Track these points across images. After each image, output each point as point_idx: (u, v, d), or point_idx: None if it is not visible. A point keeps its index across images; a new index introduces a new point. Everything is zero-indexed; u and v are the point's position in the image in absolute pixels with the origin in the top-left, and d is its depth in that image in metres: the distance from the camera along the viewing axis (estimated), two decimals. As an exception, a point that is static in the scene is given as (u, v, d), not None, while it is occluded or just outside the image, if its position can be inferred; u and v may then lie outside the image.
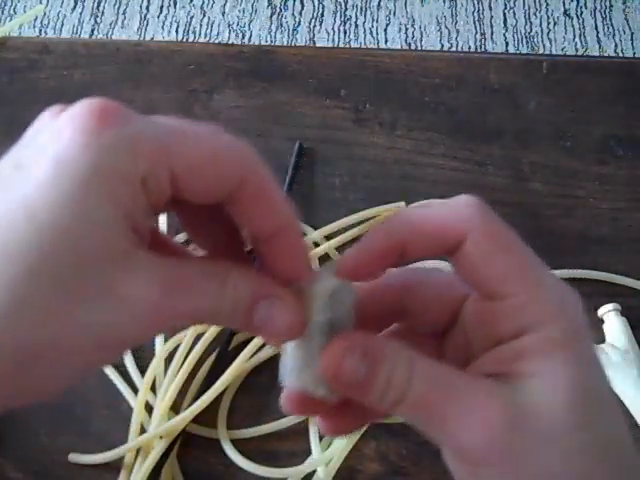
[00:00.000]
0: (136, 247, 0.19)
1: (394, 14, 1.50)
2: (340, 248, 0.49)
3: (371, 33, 1.49)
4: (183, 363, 0.45)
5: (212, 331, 0.46)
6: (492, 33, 1.47)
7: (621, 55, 1.42)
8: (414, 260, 0.23)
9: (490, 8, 1.49)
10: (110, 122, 0.19)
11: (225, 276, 0.20)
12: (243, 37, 1.50)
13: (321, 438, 0.44)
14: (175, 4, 1.55)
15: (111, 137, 0.18)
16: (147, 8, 1.55)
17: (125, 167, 0.18)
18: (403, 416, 0.21)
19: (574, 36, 1.45)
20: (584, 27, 1.46)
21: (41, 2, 1.56)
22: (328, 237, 0.50)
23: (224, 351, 0.46)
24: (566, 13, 1.48)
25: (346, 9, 1.52)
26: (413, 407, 0.21)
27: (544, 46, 1.44)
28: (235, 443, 0.44)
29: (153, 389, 0.46)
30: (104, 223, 0.18)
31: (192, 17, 1.53)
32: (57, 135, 0.19)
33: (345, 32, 1.49)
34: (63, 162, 0.18)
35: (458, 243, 0.22)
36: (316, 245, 0.49)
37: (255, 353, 0.46)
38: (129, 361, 0.46)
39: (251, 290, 0.21)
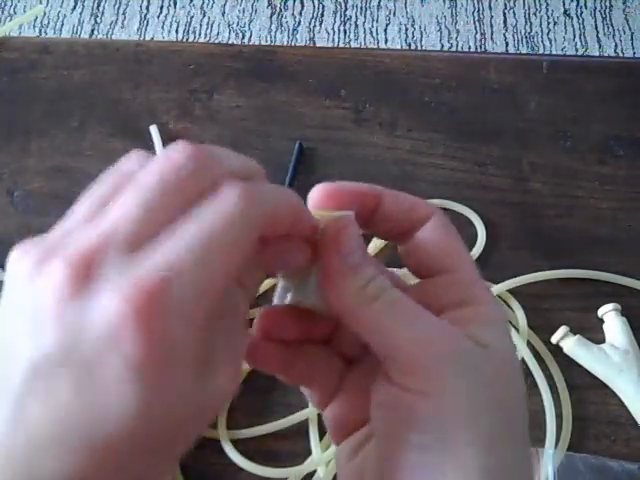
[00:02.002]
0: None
1: (394, 14, 1.50)
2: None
3: (371, 33, 1.49)
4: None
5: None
6: (492, 33, 1.47)
7: (621, 55, 1.42)
8: (383, 232, 0.26)
9: (490, 8, 1.49)
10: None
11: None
12: (243, 37, 1.50)
13: (321, 438, 0.44)
14: (175, 4, 1.55)
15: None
16: (147, 8, 1.55)
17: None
18: (370, 314, 0.22)
19: (574, 36, 1.45)
20: (584, 27, 1.46)
21: (41, 2, 1.56)
22: (328, 237, 0.50)
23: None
24: (566, 13, 1.48)
25: (346, 9, 1.52)
26: (389, 304, 0.22)
27: (544, 46, 1.44)
28: (235, 443, 0.44)
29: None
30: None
31: (192, 17, 1.53)
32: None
33: (345, 32, 1.49)
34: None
35: (424, 219, 0.25)
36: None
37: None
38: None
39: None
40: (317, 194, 0.24)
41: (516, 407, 0.22)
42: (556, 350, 0.46)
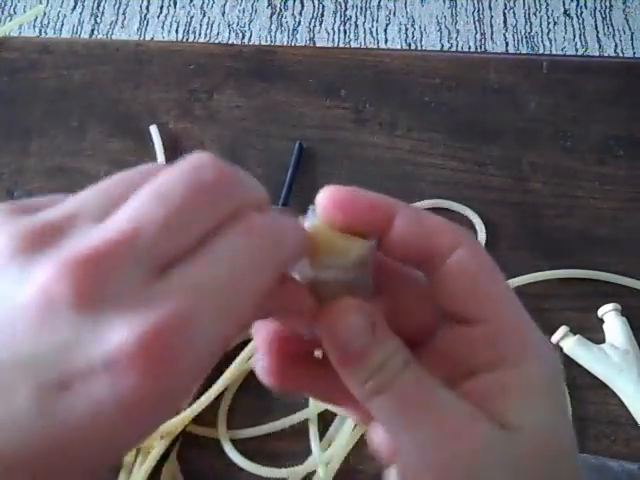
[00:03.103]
0: None
1: (394, 14, 1.50)
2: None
3: (371, 33, 1.49)
4: (183, 363, 0.45)
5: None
6: (492, 33, 1.47)
7: (621, 55, 1.42)
8: (399, 256, 0.22)
9: (490, 8, 1.49)
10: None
11: None
12: (243, 37, 1.50)
13: (321, 438, 0.44)
14: (175, 4, 1.55)
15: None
16: (147, 8, 1.55)
17: None
18: (374, 409, 0.20)
19: (574, 36, 1.45)
20: (584, 27, 1.46)
21: (41, 2, 1.56)
22: (328, 237, 0.50)
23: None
24: (566, 13, 1.48)
25: (346, 9, 1.52)
26: (395, 399, 0.19)
27: (544, 46, 1.44)
28: (235, 443, 0.44)
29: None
30: None
31: (192, 17, 1.53)
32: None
33: (345, 32, 1.49)
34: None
35: (450, 249, 0.20)
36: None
37: (255, 353, 0.46)
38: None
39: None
40: (326, 203, 0.21)
41: None
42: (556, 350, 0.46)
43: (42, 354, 0.14)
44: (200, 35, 1.51)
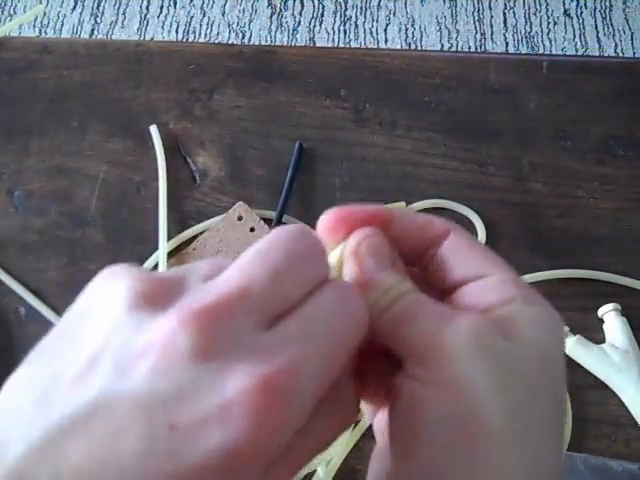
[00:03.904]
0: None
1: (394, 14, 1.50)
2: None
3: (371, 33, 1.49)
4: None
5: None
6: (492, 33, 1.47)
7: (621, 55, 1.42)
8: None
9: (490, 8, 1.49)
10: None
11: None
12: (243, 37, 1.50)
13: (321, 438, 0.44)
14: (175, 4, 1.55)
15: None
16: (147, 8, 1.55)
17: None
18: (384, 326, 0.21)
19: (574, 36, 1.45)
20: (584, 27, 1.46)
21: (41, 2, 1.56)
22: (328, 237, 0.50)
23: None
24: (566, 13, 1.48)
25: (346, 9, 1.52)
26: (402, 309, 0.21)
27: (544, 46, 1.44)
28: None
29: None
30: None
31: (192, 17, 1.53)
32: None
33: (345, 32, 1.49)
34: None
35: (442, 236, 0.24)
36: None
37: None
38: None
39: None
40: (327, 221, 0.23)
41: (544, 401, 0.20)
42: (556, 350, 0.46)
43: (158, 396, 0.16)
44: (200, 35, 1.51)
